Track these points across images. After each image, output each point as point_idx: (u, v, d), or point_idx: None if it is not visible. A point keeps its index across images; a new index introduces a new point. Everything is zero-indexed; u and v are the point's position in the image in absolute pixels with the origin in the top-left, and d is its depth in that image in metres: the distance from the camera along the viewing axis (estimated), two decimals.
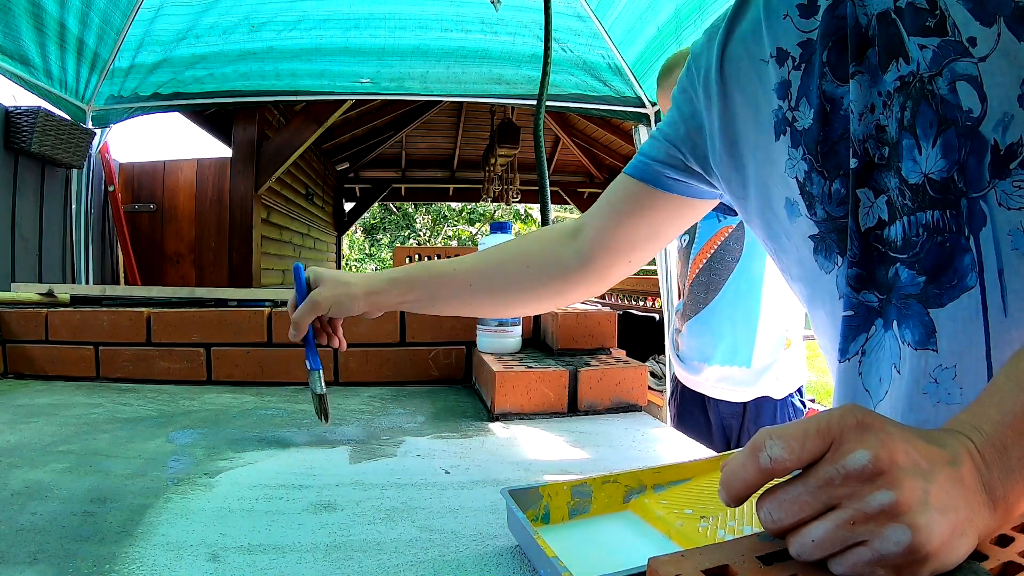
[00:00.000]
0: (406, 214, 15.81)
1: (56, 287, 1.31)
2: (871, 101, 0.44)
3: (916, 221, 0.43)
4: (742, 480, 0.31)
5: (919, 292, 0.43)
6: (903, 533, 0.27)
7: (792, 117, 0.50)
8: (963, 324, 0.41)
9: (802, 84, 0.49)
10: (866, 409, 0.31)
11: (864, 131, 0.45)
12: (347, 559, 0.48)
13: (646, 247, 0.69)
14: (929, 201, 0.42)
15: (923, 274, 0.43)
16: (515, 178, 6.55)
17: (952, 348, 0.42)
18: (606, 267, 0.70)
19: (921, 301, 0.43)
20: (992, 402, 0.33)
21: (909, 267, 0.43)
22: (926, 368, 0.43)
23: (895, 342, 0.45)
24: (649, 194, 0.64)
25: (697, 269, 1.35)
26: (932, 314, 0.42)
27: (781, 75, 0.50)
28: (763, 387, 1.29)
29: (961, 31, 0.39)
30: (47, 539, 0.50)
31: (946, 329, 0.42)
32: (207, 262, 3.82)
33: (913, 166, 0.42)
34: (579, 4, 2.52)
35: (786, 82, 0.50)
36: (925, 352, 0.43)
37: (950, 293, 0.41)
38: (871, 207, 0.45)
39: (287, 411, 0.95)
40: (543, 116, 1.41)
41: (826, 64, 0.47)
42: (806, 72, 0.49)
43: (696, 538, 0.48)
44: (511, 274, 0.73)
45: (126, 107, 2.57)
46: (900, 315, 0.45)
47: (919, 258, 0.43)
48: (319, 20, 2.49)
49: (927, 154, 0.41)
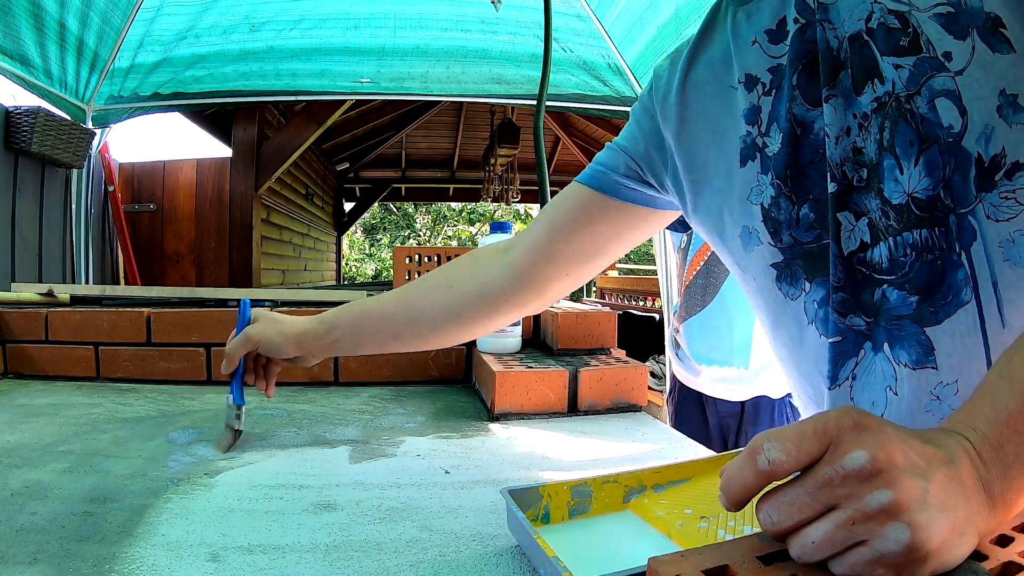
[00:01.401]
0: (406, 214, 15.81)
1: (56, 287, 1.31)
2: (847, 124, 0.44)
3: (903, 241, 0.42)
4: (741, 484, 0.31)
5: (912, 312, 0.43)
6: (902, 532, 0.27)
7: (762, 143, 0.50)
8: (961, 339, 0.41)
9: (772, 109, 0.49)
10: (862, 410, 0.31)
11: (841, 154, 0.44)
12: (347, 559, 0.48)
13: (590, 261, 0.66)
14: (915, 220, 0.41)
15: (915, 293, 0.42)
16: (515, 178, 6.55)
17: (952, 364, 0.41)
18: (543, 281, 0.66)
19: (916, 321, 0.43)
20: (985, 401, 0.33)
21: (899, 288, 0.43)
22: (927, 386, 0.43)
23: (888, 364, 0.45)
24: (602, 204, 0.62)
25: (695, 271, 1.35)
26: (929, 332, 0.42)
27: (751, 100, 0.50)
28: (761, 387, 1.29)
29: (936, 47, 0.39)
30: (47, 539, 0.50)
31: (944, 345, 0.42)
32: (207, 262, 3.82)
33: (896, 186, 0.42)
34: (579, 4, 2.52)
35: (756, 108, 0.50)
36: (924, 371, 0.43)
37: (945, 310, 0.41)
38: (852, 230, 0.45)
39: (287, 411, 0.95)
40: (543, 116, 1.41)
41: (796, 87, 0.47)
42: (776, 97, 0.48)
43: (696, 538, 0.48)
44: (435, 300, 0.70)
45: (126, 107, 2.57)
46: (892, 337, 0.44)
47: (908, 278, 0.42)
48: (319, 20, 2.49)
49: (909, 173, 0.41)
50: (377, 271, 14.82)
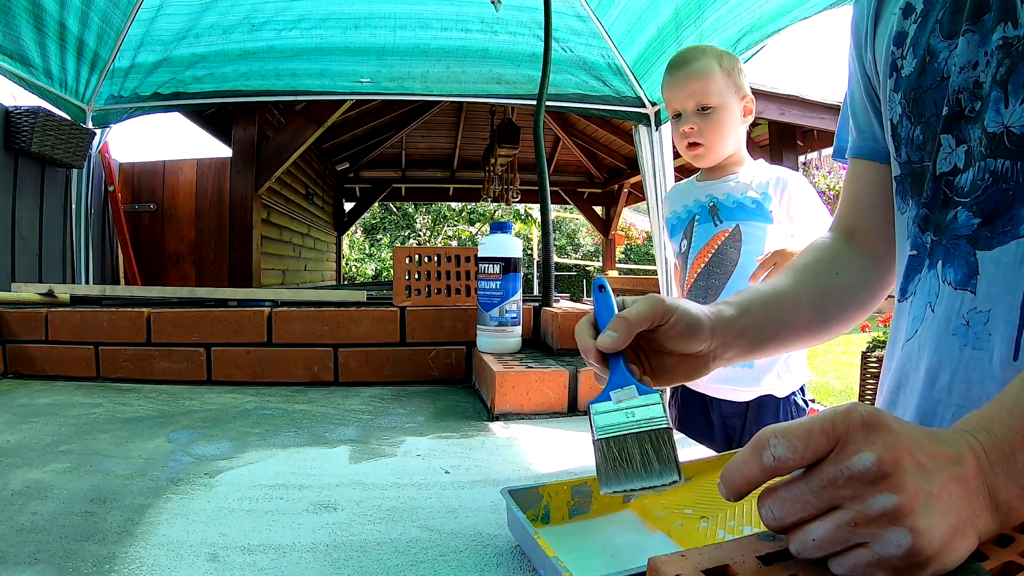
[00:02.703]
0: (406, 214, 15.81)
1: (56, 287, 1.31)
2: (975, 59, 0.46)
3: (985, 167, 0.44)
4: (743, 476, 0.31)
5: (971, 233, 0.45)
6: (904, 536, 0.27)
7: (900, 64, 0.53)
8: (1006, 269, 0.43)
9: (914, 35, 0.51)
10: (871, 407, 0.31)
11: (961, 83, 0.46)
12: (347, 559, 0.48)
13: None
14: (1003, 151, 0.43)
15: (979, 216, 0.45)
16: (515, 178, 6.55)
17: (990, 292, 0.44)
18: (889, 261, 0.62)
19: (971, 241, 0.45)
20: (1005, 405, 0.33)
21: (968, 209, 0.45)
22: (960, 309, 0.45)
23: (936, 281, 0.48)
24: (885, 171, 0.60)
25: (696, 273, 1.35)
26: (979, 255, 0.45)
27: (903, 26, 0.53)
28: (765, 386, 1.29)
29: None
30: (47, 539, 0.50)
31: (988, 271, 0.44)
32: (207, 262, 3.82)
33: (996, 116, 0.44)
34: (579, 4, 2.52)
35: (904, 32, 0.53)
36: (963, 292, 0.45)
37: (1000, 238, 0.43)
38: (950, 154, 0.47)
39: (287, 411, 0.95)
40: (543, 116, 1.40)
41: (939, 21, 0.49)
42: (920, 25, 0.51)
43: (696, 538, 0.48)
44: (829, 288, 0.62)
45: (126, 107, 2.57)
46: (947, 255, 0.47)
47: (980, 201, 0.45)
48: (319, 19, 2.49)
49: (1013, 108, 0.43)
50: (377, 271, 14.83)
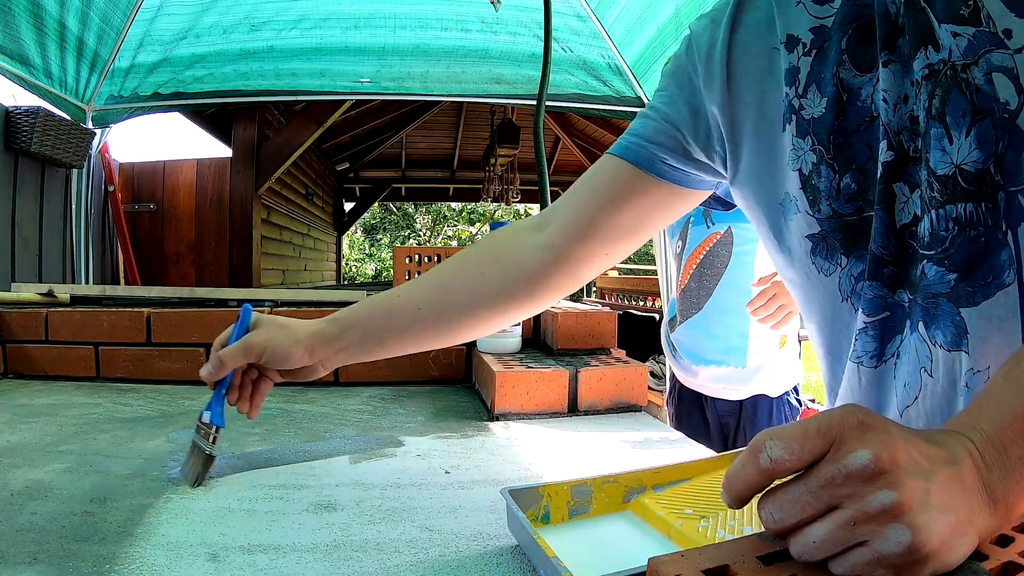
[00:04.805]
0: (406, 214, 15.81)
1: (56, 287, 1.31)
2: (904, 91, 0.42)
3: (945, 215, 0.40)
4: (743, 481, 0.31)
5: (949, 290, 0.40)
6: (903, 533, 0.27)
7: (798, 104, 0.48)
8: (998, 324, 0.39)
9: (812, 71, 0.47)
10: (866, 409, 0.31)
11: (898, 122, 0.43)
12: (347, 559, 0.48)
13: (628, 239, 0.62)
14: (960, 193, 0.39)
15: (953, 271, 0.40)
16: (515, 178, 6.55)
17: (985, 350, 0.39)
18: (578, 260, 0.62)
19: (952, 300, 0.40)
20: (991, 402, 0.33)
21: (937, 264, 0.41)
22: (960, 371, 0.41)
23: (924, 344, 0.43)
24: (640, 179, 0.59)
25: (688, 274, 1.38)
26: (964, 314, 0.40)
27: (790, 61, 0.49)
28: (758, 385, 1.31)
29: (996, 23, 0.38)
30: (47, 539, 0.50)
31: (978, 329, 0.39)
32: (207, 262, 3.82)
33: (942, 156, 0.40)
34: (579, 4, 2.52)
35: (794, 68, 0.48)
36: (958, 354, 0.40)
37: (984, 291, 0.39)
38: (907, 202, 0.43)
39: (287, 411, 0.95)
40: (543, 116, 1.41)
41: (845, 52, 0.45)
42: (818, 59, 0.47)
43: (696, 538, 0.48)
44: (466, 288, 0.64)
45: (126, 107, 2.57)
46: (927, 316, 0.42)
47: (948, 254, 0.40)
48: (319, 19, 2.49)
49: (959, 144, 0.39)
50: (377, 271, 14.83)
